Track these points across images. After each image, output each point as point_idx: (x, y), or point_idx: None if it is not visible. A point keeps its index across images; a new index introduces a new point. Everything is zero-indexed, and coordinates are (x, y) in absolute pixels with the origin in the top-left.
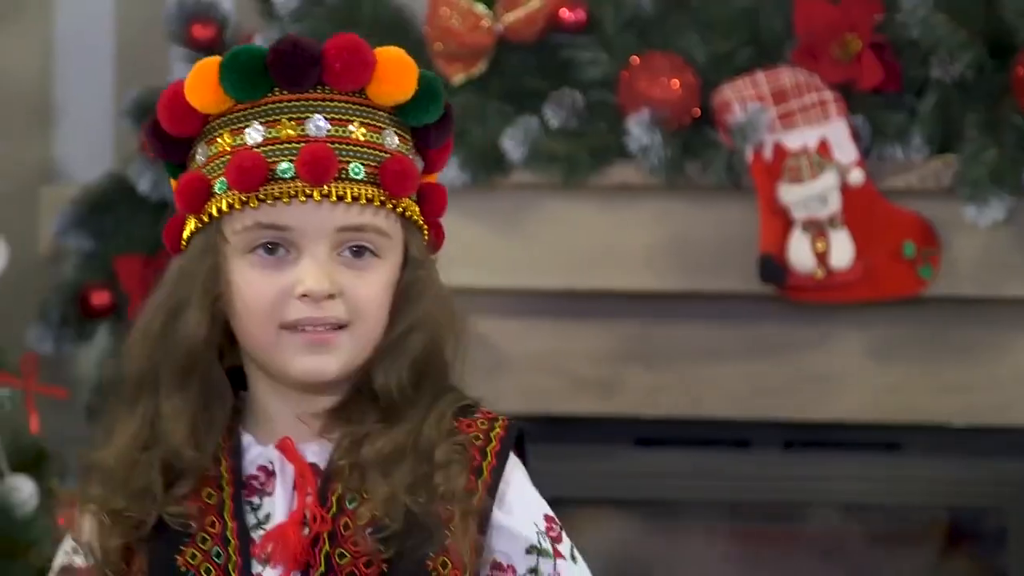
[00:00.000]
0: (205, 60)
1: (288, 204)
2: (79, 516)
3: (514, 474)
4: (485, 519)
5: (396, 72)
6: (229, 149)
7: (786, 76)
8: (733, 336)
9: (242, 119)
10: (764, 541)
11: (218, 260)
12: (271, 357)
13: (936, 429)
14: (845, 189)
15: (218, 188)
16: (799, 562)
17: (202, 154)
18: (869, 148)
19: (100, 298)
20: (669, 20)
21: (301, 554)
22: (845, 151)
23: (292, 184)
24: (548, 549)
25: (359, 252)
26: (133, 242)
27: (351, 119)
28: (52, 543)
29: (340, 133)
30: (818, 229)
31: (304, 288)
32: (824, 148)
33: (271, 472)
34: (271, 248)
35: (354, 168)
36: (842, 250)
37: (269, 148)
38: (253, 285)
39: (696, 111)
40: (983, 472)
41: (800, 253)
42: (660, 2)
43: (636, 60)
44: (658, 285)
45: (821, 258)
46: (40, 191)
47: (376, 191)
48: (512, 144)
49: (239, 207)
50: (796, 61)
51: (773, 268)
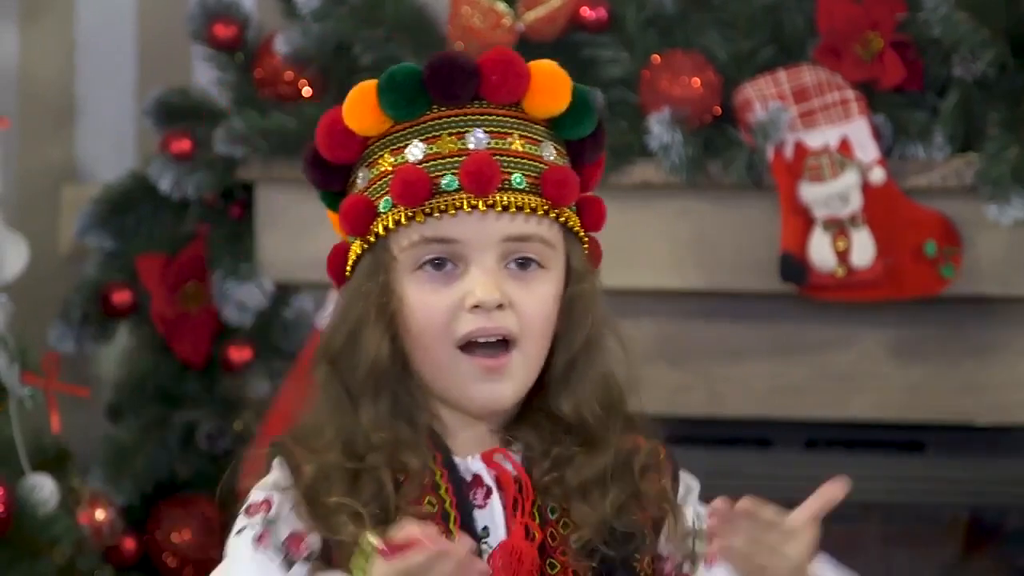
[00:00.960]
0: (361, 84)
1: (454, 216)
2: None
3: (684, 476)
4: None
5: (551, 84)
6: (391, 168)
7: (808, 75)
8: (754, 335)
9: (402, 138)
10: None
11: (388, 278)
12: (445, 381)
13: (958, 428)
14: (866, 188)
15: (383, 207)
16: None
17: (363, 178)
18: (891, 147)
19: (121, 297)
20: (690, 19)
21: (535, 568)
22: (866, 150)
23: (457, 196)
24: (703, 531)
25: (524, 264)
26: (154, 241)
27: (510, 132)
28: (73, 542)
29: (500, 145)
30: (839, 228)
31: (475, 299)
32: (845, 147)
33: (473, 483)
34: (439, 263)
35: (516, 179)
36: (863, 249)
37: (431, 163)
38: (424, 301)
39: (717, 110)
40: (1005, 471)
41: (821, 252)
42: (681, 1)
43: (657, 59)
44: (679, 284)
45: (842, 257)
46: (62, 190)
47: (539, 200)
48: None
49: (405, 223)
50: (818, 60)
51: (794, 267)
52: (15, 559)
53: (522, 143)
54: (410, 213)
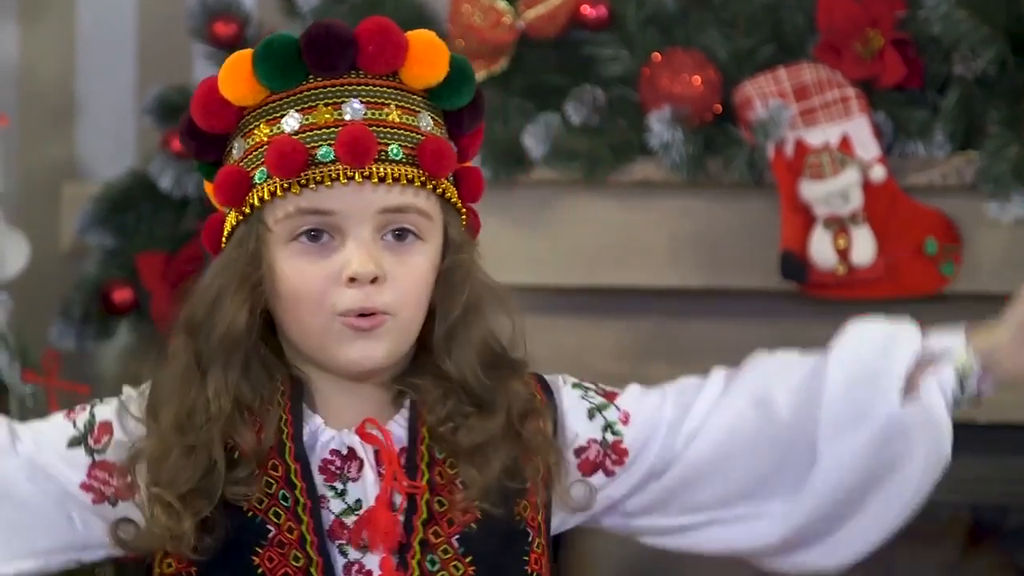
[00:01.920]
0: (238, 53)
1: (330, 188)
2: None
3: (563, 397)
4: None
5: (429, 54)
6: (267, 139)
7: (808, 72)
8: (755, 333)
9: (278, 109)
10: None
11: (259, 247)
12: (320, 345)
13: (958, 426)
14: (867, 186)
15: (258, 178)
16: None
17: (239, 149)
18: (891, 145)
19: (122, 295)
20: (691, 16)
21: (395, 536)
22: (867, 148)
23: (333, 167)
24: (603, 401)
25: (401, 235)
26: (155, 239)
27: (387, 102)
28: None
29: (377, 116)
30: (840, 226)
31: (351, 271)
32: (846, 145)
33: (348, 456)
34: (314, 235)
35: (393, 149)
36: (864, 247)
37: (307, 134)
38: (300, 273)
39: (718, 108)
40: (1006, 469)
41: (822, 250)
42: None
43: (658, 57)
44: (679, 282)
45: (843, 255)
46: (62, 188)
47: (416, 171)
48: (533, 141)
49: (280, 194)
50: (818, 57)
51: (795, 265)
52: None
53: (399, 113)
54: (285, 184)
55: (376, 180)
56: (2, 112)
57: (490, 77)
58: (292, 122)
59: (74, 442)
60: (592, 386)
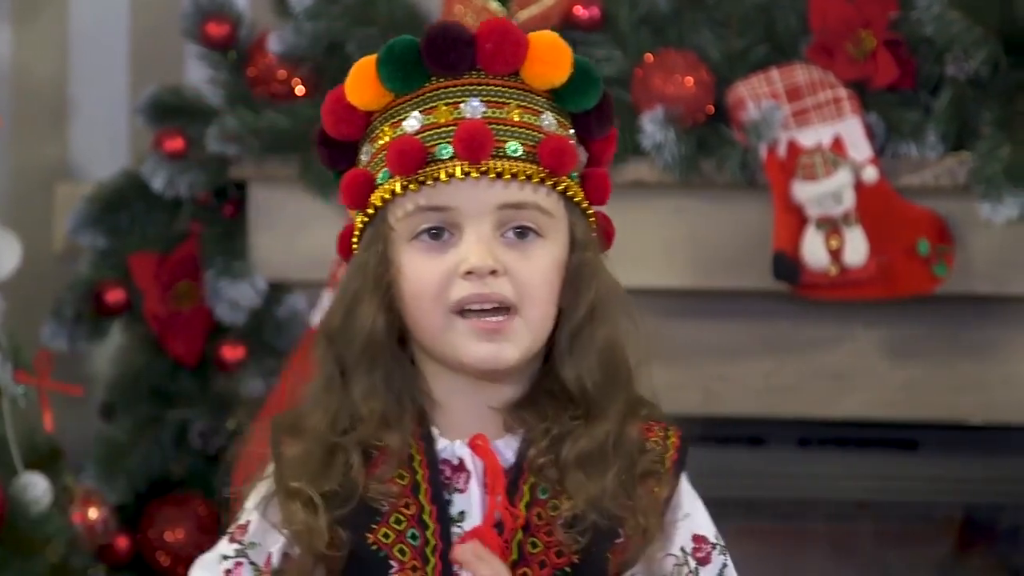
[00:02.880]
0: (363, 59)
1: (447, 184)
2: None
3: (685, 489)
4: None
5: (550, 54)
6: (389, 140)
7: (800, 73)
8: (748, 333)
9: (401, 111)
10: (779, 538)
11: (386, 248)
12: (443, 344)
13: (951, 427)
14: (859, 186)
15: (380, 179)
16: (814, 560)
17: (366, 153)
18: (883, 145)
19: (114, 296)
20: (683, 17)
21: (505, 557)
22: (859, 148)
23: (450, 164)
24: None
25: (523, 233)
26: (147, 240)
27: (507, 102)
28: (66, 540)
29: (497, 115)
30: (832, 226)
31: (468, 264)
32: (838, 145)
33: (458, 468)
34: (435, 233)
35: (511, 147)
36: (856, 247)
37: (427, 133)
38: (419, 269)
39: (710, 108)
40: (999, 470)
41: (814, 250)
42: None
43: (650, 57)
44: (673, 282)
45: (835, 255)
46: (55, 188)
47: (535, 168)
48: None
49: (400, 192)
50: (811, 58)
51: (787, 265)
52: (8, 558)
53: (520, 113)
54: (404, 182)
55: (493, 175)
56: None
57: None
58: (413, 122)
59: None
60: (707, 546)
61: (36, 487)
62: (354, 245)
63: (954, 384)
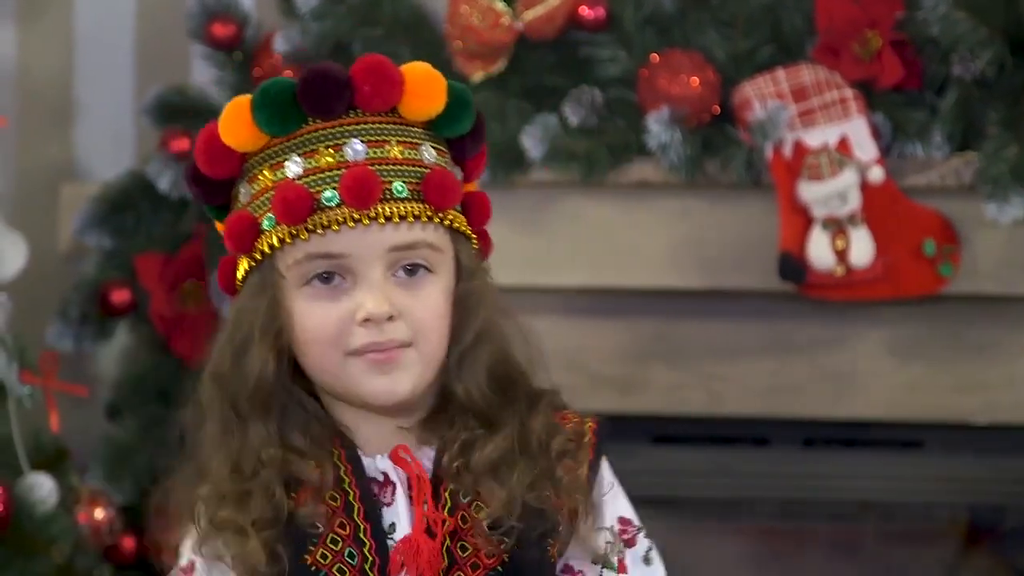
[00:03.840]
0: (235, 100)
1: (337, 231)
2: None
3: (607, 472)
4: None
5: (425, 87)
6: (271, 184)
7: (806, 73)
8: (753, 334)
9: (280, 153)
10: (783, 539)
11: (276, 295)
12: (341, 384)
13: (956, 427)
14: (865, 187)
15: (266, 225)
16: (818, 560)
17: (245, 193)
18: (889, 146)
19: (120, 296)
20: (689, 17)
21: (438, 563)
22: (865, 149)
23: (339, 211)
24: (614, 562)
25: (412, 270)
26: (153, 240)
27: (387, 139)
28: (72, 541)
29: (378, 154)
30: (838, 227)
31: (365, 312)
32: (844, 146)
33: (383, 483)
34: (326, 278)
35: (397, 187)
36: (862, 248)
37: (311, 178)
38: (314, 316)
39: (716, 109)
40: (1003, 470)
41: (820, 251)
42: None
43: (656, 57)
44: (678, 283)
45: (841, 256)
46: (60, 189)
47: (422, 207)
48: (531, 142)
49: (289, 241)
50: (816, 58)
51: (793, 266)
52: (14, 558)
53: (400, 149)
54: (293, 231)
55: (383, 220)
56: (0, 113)
57: (488, 78)
58: (295, 167)
59: None
60: (632, 528)
61: (42, 487)
62: (239, 284)
63: (959, 384)
